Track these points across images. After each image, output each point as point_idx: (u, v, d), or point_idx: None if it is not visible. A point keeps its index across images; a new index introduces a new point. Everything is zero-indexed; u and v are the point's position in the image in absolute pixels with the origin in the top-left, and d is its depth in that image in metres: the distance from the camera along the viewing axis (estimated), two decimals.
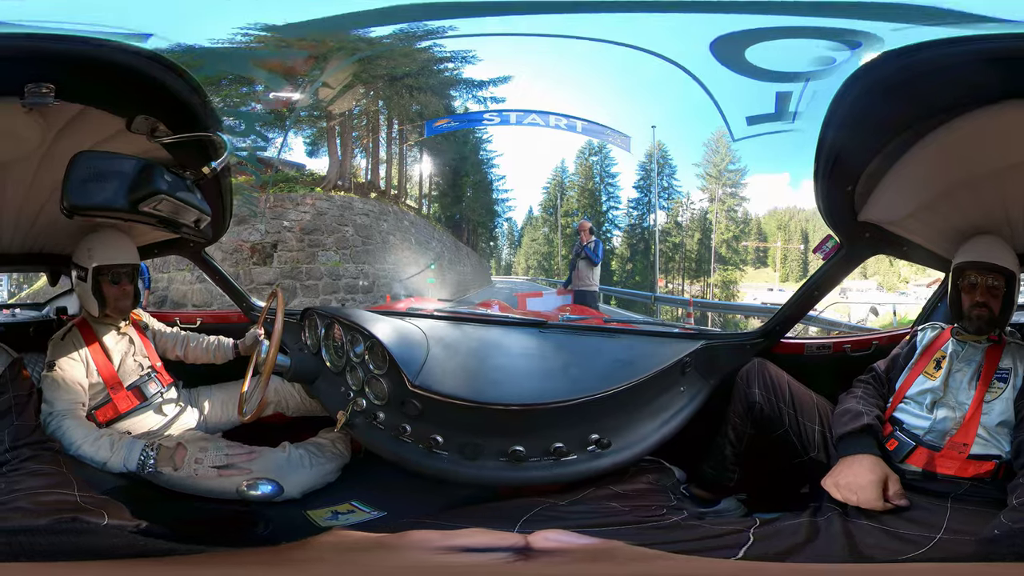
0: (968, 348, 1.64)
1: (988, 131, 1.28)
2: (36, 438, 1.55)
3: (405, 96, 12.69)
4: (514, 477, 1.68)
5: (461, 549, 1.11)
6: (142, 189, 1.04)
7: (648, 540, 1.35)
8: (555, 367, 1.98)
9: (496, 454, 1.68)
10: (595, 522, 1.49)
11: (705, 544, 1.35)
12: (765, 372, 1.81)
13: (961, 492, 1.46)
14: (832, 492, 1.48)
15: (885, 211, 1.61)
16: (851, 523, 1.38)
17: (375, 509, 1.81)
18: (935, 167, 1.44)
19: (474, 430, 1.68)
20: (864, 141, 1.35)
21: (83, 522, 1.26)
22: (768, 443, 1.80)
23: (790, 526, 1.40)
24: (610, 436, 1.74)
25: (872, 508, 1.41)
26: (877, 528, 1.36)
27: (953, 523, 1.34)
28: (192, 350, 2.31)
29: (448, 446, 1.70)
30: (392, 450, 1.77)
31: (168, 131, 1.12)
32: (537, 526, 1.43)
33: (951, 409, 1.57)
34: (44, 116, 1.10)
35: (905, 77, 1.16)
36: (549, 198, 16.67)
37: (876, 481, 1.44)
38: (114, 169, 1.03)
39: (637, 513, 1.54)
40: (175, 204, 1.12)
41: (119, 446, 1.75)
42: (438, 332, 2.06)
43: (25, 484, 1.38)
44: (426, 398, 1.69)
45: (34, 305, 3.17)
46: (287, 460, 1.89)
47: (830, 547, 1.31)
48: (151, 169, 1.05)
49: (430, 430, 1.71)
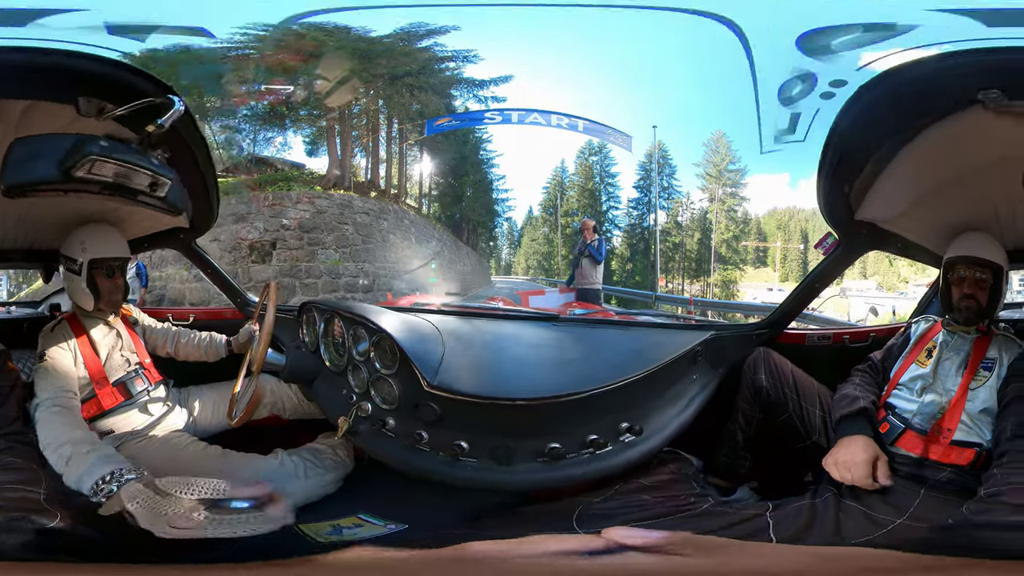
0: (957, 338, 1.74)
1: (971, 131, 1.36)
2: (15, 428, 1.53)
3: (405, 95, 12.70)
4: (552, 477, 1.57)
5: (535, 556, 1.08)
6: (72, 157, 1.10)
7: (690, 529, 1.37)
8: (575, 358, 1.92)
9: (532, 455, 1.56)
10: (636, 516, 1.48)
11: (736, 531, 1.37)
12: (770, 359, 1.91)
13: (939, 478, 1.54)
14: (831, 471, 1.56)
15: (880, 210, 1.69)
16: (842, 504, 1.49)
17: (391, 522, 1.64)
18: (925, 167, 1.53)
19: (504, 431, 1.56)
20: (863, 144, 1.43)
21: (30, 522, 1.23)
22: (775, 428, 1.87)
23: (795, 508, 1.48)
24: (640, 423, 1.70)
25: (862, 485, 1.50)
26: (859, 509, 1.46)
27: (920, 509, 1.42)
28: (183, 347, 2.22)
29: (476, 452, 1.55)
30: (407, 461, 1.60)
31: (114, 107, 1.18)
32: (590, 525, 1.40)
33: (938, 394, 1.66)
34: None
35: (910, 87, 1.27)
36: (549, 198, 16.67)
37: (867, 460, 1.53)
38: (47, 146, 1.10)
39: (668, 504, 1.53)
40: (116, 166, 1.15)
41: (79, 460, 1.48)
42: (450, 327, 1.92)
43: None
44: (446, 400, 1.55)
45: (29, 303, 3.18)
46: (278, 469, 1.75)
47: (825, 530, 1.40)
48: (83, 139, 1.11)
49: (452, 436, 1.56)
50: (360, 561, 1.16)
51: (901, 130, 1.38)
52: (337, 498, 1.79)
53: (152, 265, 8.09)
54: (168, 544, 1.43)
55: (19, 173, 1.08)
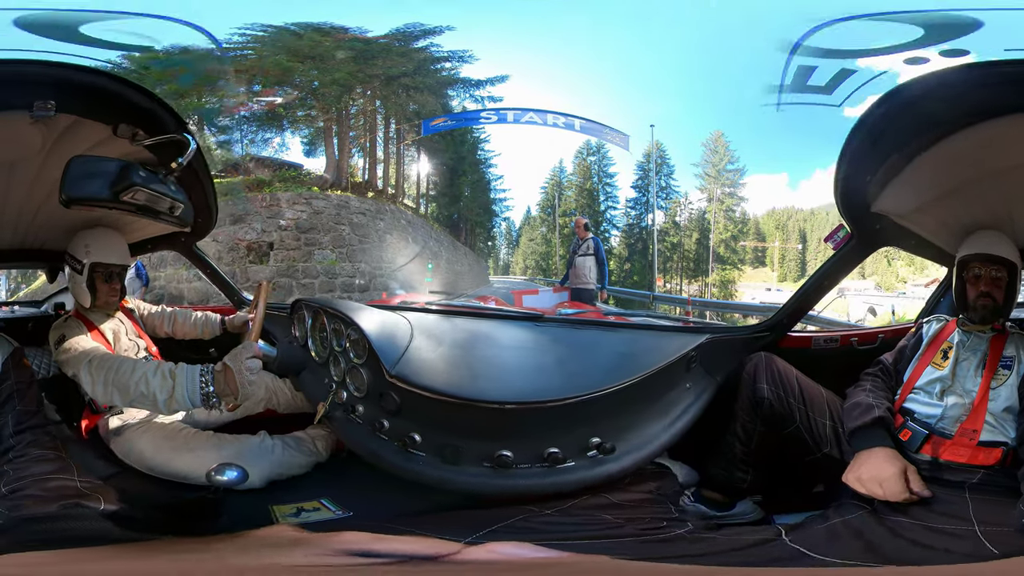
0: (973, 338, 1.68)
1: (1007, 135, 1.34)
2: (37, 422, 1.59)
3: (402, 95, 12.69)
4: (498, 485, 1.51)
5: (387, 554, 1.08)
6: (121, 183, 1.32)
7: (646, 554, 1.26)
8: (550, 361, 1.82)
9: (478, 458, 1.52)
10: (582, 535, 1.35)
11: (722, 559, 1.24)
12: (773, 366, 1.76)
13: (974, 481, 1.47)
14: (856, 487, 1.45)
15: (896, 203, 1.64)
16: (887, 520, 1.35)
17: (342, 509, 1.68)
18: (948, 166, 1.49)
19: (455, 430, 1.53)
20: (898, 134, 1.38)
21: (85, 507, 1.29)
22: (779, 440, 1.74)
23: (824, 530, 1.34)
24: (613, 440, 1.58)
25: (897, 500, 1.39)
26: (918, 525, 1.33)
27: (979, 514, 1.32)
28: (180, 325, 2.37)
29: (425, 446, 1.55)
30: (368, 447, 1.64)
31: (146, 135, 1.42)
32: (508, 537, 1.32)
33: (959, 396, 1.60)
34: (46, 125, 1.38)
35: (958, 86, 1.26)
36: (547, 198, 16.69)
37: (898, 473, 1.43)
38: (100, 168, 1.32)
39: (633, 526, 1.40)
40: (149, 194, 1.39)
41: (161, 377, 1.54)
42: (425, 323, 1.94)
43: (31, 471, 1.42)
44: (404, 391, 1.56)
45: (32, 302, 3.17)
46: (258, 447, 1.85)
47: (883, 547, 1.26)
48: (129, 167, 1.34)
49: (408, 427, 1.57)
50: (267, 537, 1.26)
51: (942, 125, 1.34)
52: (308, 483, 1.86)
53: (151, 266, 8.07)
54: (172, 518, 1.62)
55: (78, 188, 1.29)
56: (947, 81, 1.27)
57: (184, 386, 1.52)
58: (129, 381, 1.55)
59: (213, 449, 1.83)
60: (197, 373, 1.54)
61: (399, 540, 1.14)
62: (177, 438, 1.88)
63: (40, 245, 2.16)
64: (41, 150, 1.47)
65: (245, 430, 1.97)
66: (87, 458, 1.75)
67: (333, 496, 1.73)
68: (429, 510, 1.52)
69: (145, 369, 1.56)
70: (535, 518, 1.42)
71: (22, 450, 1.49)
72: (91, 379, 1.62)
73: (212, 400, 1.52)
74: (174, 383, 1.52)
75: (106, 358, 1.66)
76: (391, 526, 1.32)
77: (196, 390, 1.52)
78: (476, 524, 1.36)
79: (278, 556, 1.13)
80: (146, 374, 1.54)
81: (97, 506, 1.31)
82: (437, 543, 1.13)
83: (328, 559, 1.07)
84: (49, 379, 2.03)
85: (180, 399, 1.52)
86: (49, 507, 1.28)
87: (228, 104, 10.48)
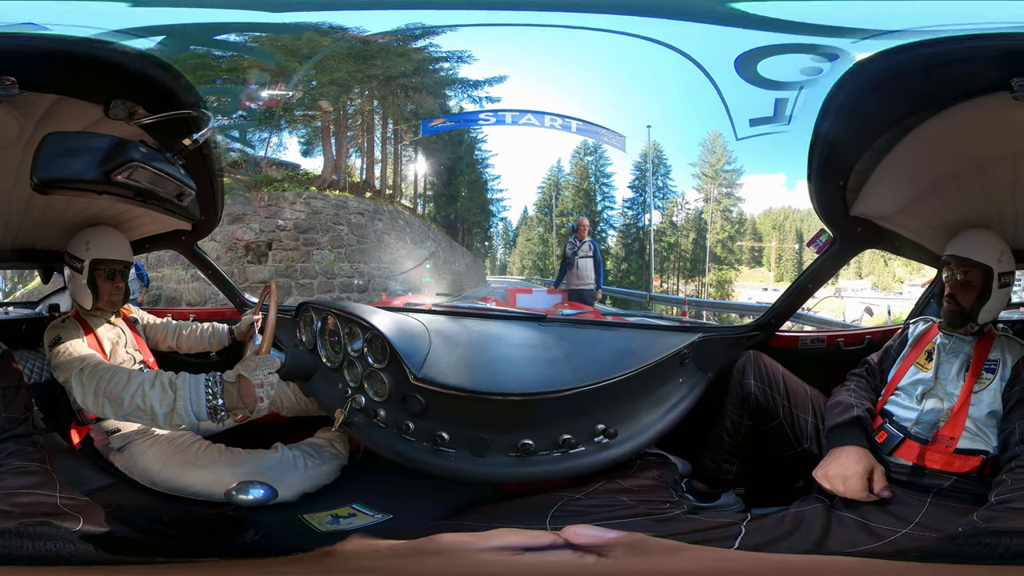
0: (955, 340, 1.67)
1: (967, 125, 1.30)
2: (23, 430, 1.48)
3: (400, 96, 12.68)
4: (525, 473, 1.63)
5: (498, 549, 1.09)
6: (115, 159, 1.06)
7: (653, 532, 1.34)
8: (558, 356, 1.93)
9: (505, 449, 1.63)
10: (611, 515, 1.50)
11: (699, 536, 1.37)
12: (760, 363, 1.84)
13: (945, 487, 1.48)
14: (822, 483, 1.51)
15: (876, 206, 1.63)
16: (833, 514, 1.42)
17: (378, 512, 1.70)
18: (921, 162, 1.47)
19: (481, 424, 1.63)
20: (854, 137, 1.38)
21: (52, 526, 1.19)
22: (763, 434, 1.82)
23: (776, 518, 1.43)
24: (616, 426, 1.71)
25: (857, 499, 1.44)
26: (854, 520, 1.39)
27: (926, 518, 1.35)
28: (185, 339, 2.28)
29: (455, 443, 1.63)
30: (395, 449, 1.70)
31: (147, 113, 1.15)
32: (563, 522, 1.41)
33: (939, 400, 1.59)
34: (16, 107, 1.12)
35: (888, 75, 1.21)
36: (544, 198, 16.68)
37: (862, 472, 1.47)
38: (85, 144, 1.05)
39: (644, 507, 1.55)
40: (152, 174, 1.13)
41: (162, 389, 1.43)
42: (438, 325, 1.99)
43: (6, 483, 1.31)
44: (430, 392, 1.64)
45: (27, 304, 3.14)
46: (280, 461, 1.79)
47: (805, 540, 1.34)
48: (125, 142, 1.07)
49: (435, 427, 1.65)
50: (362, 551, 1.21)
51: (901, 119, 1.31)
52: (333, 488, 1.86)
53: (149, 266, 8.05)
54: (188, 538, 1.55)
55: (54, 169, 1.03)
56: (891, 68, 1.20)
57: (188, 399, 1.41)
58: (124, 393, 1.44)
59: (228, 465, 1.75)
60: (202, 384, 1.43)
61: (497, 535, 1.13)
62: (187, 452, 1.80)
63: (32, 244, 2.07)
64: (19, 139, 1.25)
65: (249, 435, 1.94)
66: (78, 471, 1.69)
67: (360, 499, 1.76)
68: (467, 505, 1.64)
69: (142, 380, 1.45)
70: (573, 502, 1.55)
71: (2, 460, 1.37)
72: (82, 388, 1.52)
73: (220, 414, 1.42)
74: (175, 396, 1.41)
75: (100, 366, 1.57)
76: (461, 524, 1.39)
77: (202, 403, 1.41)
78: (537, 512, 1.49)
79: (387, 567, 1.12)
80: (143, 386, 1.43)
81: (72, 525, 1.21)
82: (531, 533, 1.14)
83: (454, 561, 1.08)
84: (41, 384, 1.96)
85: (183, 413, 1.41)
86: (7, 523, 1.17)
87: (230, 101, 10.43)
